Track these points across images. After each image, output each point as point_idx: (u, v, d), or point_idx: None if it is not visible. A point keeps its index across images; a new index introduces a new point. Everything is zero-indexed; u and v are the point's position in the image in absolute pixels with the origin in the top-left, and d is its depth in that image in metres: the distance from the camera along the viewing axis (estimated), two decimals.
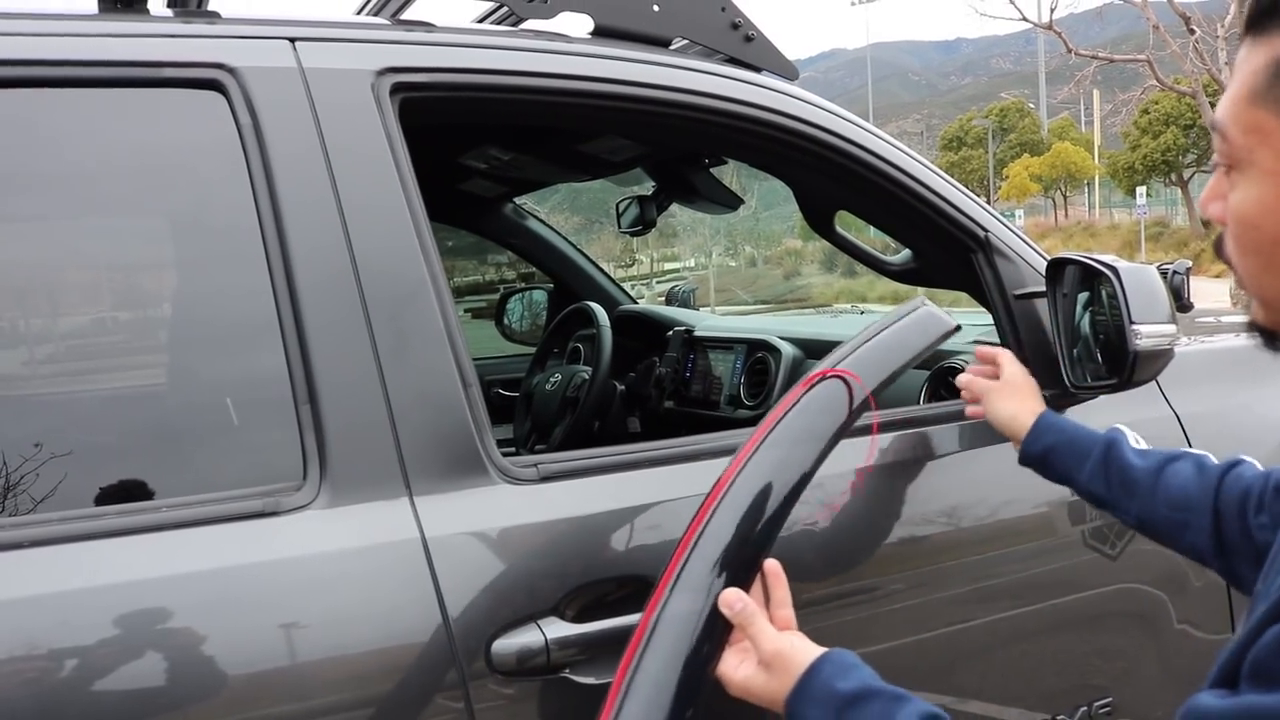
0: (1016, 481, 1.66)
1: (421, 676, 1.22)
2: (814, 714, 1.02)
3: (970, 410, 1.62)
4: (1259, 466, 1.31)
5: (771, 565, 1.17)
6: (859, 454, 1.51)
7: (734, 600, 1.10)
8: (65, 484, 1.19)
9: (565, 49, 1.58)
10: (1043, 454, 1.48)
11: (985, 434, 1.68)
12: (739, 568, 1.14)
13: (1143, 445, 1.44)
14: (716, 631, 1.11)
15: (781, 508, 1.21)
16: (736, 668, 1.11)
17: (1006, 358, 1.60)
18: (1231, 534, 1.27)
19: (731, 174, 2.97)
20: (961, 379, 1.63)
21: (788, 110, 1.67)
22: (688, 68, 1.64)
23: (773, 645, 1.08)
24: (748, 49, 1.74)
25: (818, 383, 1.29)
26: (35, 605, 1.09)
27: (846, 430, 1.29)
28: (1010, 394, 1.55)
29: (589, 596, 1.31)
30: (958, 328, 1.45)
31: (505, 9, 1.69)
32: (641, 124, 1.88)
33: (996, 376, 1.60)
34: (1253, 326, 0.88)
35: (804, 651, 1.07)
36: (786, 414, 1.26)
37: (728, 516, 1.16)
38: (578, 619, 1.30)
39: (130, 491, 1.23)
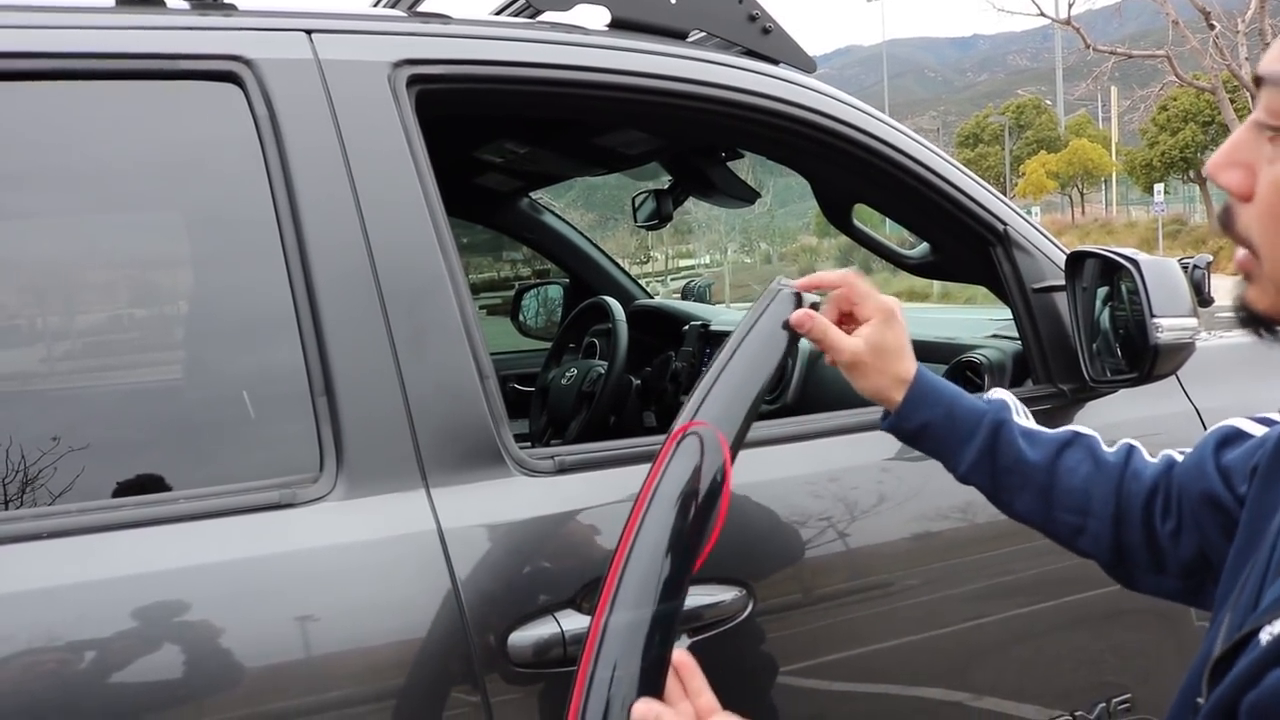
0: None
1: (437, 669, 1.22)
2: None
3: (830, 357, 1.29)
4: (1146, 455, 1.20)
5: (680, 658, 1.08)
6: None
7: (645, 714, 1.02)
8: (84, 476, 1.19)
9: (582, 41, 1.58)
10: (917, 431, 1.25)
11: None
12: (649, 677, 1.07)
13: (1028, 420, 1.26)
14: None
15: (670, 598, 1.11)
16: None
17: (861, 294, 1.26)
18: (1132, 541, 1.16)
19: (747, 169, 2.96)
20: (797, 318, 1.23)
21: (806, 103, 1.66)
22: (705, 60, 1.63)
23: None
24: (765, 41, 1.73)
25: (677, 444, 1.17)
26: (52, 597, 1.09)
27: (719, 489, 1.16)
28: (880, 370, 1.25)
29: None
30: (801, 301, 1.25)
31: (523, 1, 1.69)
32: (658, 116, 1.87)
33: (849, 317, 1.27)
34: (1245, 310, 0.83)
35: None
36: (654, 494, 1.15)
37: (621, 630, 1.08)
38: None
39: (148, 483, 1.24)
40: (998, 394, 1.30)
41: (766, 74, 1.67)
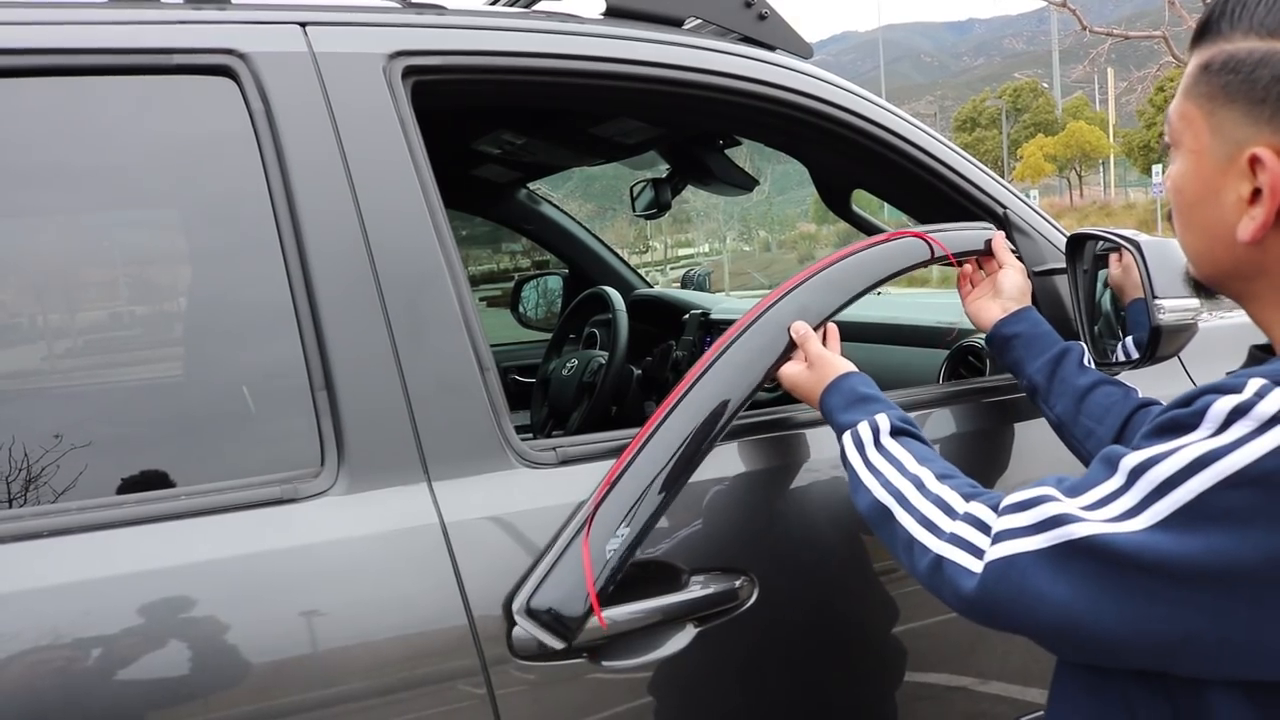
0: (1036, 460, 1.64)
1: (442, 662, 1.21)
2: (836, 401, 1.36)
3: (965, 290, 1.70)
4: None
5: (828, 326, 1.51)
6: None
7: (799, 326, 1.45)
8: (85, 473, 1.18)
9: (578, 29, 1.57)
10: (1010, 336, 1.57)
11: (1005, 413, 1.66)
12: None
13: (1090, 366, 1.55)
14: (785, 351, 1.45)
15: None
16: (790, 366, 1.45)
17: (1008, 268, 1.64)
18: None
19: (745, 156, 2.95)
20: (965, 269, 1.69)
21: (803, 88, 1.65)
22: (701, 47, 1.63)
23: (819, 350, 1.43)
24: (761, 27, 1.72)
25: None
26: (55, 595, 1.09)
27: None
28: (994, 297, 1.62)
29: None
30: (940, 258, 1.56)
31: None
32: (655, 104, 1.87)
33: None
34: (1188, 279, 1.06)
35: (841, 362, 1.41)
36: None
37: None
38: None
39: (149, 480, 1.23)
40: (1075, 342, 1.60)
41: (763, 60, 1.66)
